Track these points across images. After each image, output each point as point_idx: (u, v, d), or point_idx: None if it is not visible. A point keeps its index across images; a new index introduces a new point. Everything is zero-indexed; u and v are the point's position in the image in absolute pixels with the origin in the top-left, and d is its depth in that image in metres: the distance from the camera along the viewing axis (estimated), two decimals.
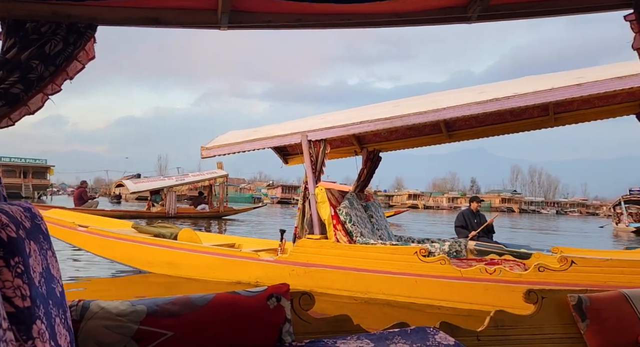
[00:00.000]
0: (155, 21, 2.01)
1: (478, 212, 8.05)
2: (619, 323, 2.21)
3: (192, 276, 5.38)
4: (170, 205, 18.31)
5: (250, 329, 1.72)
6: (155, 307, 1.60)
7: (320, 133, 4.72)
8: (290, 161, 6.67)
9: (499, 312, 2.19)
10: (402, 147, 6.38)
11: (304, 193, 4.90)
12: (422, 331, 1.93)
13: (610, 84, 3.66)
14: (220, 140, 5.40)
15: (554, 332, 2.21)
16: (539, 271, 3.83)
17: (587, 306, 2.23)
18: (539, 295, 2.26)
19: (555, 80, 3.99)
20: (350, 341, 1.83)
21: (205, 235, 6.77)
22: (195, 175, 20.48)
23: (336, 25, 2.33)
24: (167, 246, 5.68)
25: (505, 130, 5.76)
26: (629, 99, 4.76)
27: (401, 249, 4.32)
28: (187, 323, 1.61)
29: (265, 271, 4.93)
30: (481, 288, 4.03)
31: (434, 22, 2.47)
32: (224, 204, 20.19)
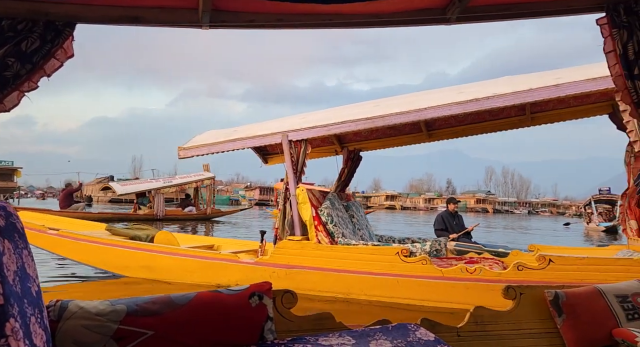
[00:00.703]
0: (135, 20, 2.00)
1: (456, 213, 8.12)
2: (593, 317, 2.28)
3: (169, 279, 5.24)
4: (159, 207, 18.27)
5: (231, 328, 1.72)
6: (135, 307, 1.59)
7: (301, 133, 4.68)
8: (270, 161, 6.60)
9: (479, 309, 2.23)
10: (382, 146, 6.40)
11: (284, 194, 4.84)
12: (403, 328, 1.94)
13: (586, 85, 3.75)
14: (199, 140, 5.29)
15: (532, 327, 2.26)
16: (518, 269, 3.88)
17: (563, 301, 2.28)
18: (518, 291, 2.31)
19: (533, 81, 4.06)
20: (332, 338, 1.84)
21: (183, 237, 6.62)
22: (183, 177, 20.59)
23: (318, 26, 2.34)
24: (143, 249, 5.53)
25: (483, 130, 5.84)
26: (602, 99, 4.89)
27: (383, 250, 4.31)
28: (168, 322, 1.61)
29: (245, 273, 4.85)
30: (462, 287, 4.06)
31: (413, 23, 2.50)
32: (212, 206, 20.32)
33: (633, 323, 2.35)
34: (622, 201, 4.92)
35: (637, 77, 2.66)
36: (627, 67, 2.65)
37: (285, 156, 4.74)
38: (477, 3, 2.42)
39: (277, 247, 4.68)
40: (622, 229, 5.00)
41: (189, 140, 5.41)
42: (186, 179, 20.21)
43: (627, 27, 2.63)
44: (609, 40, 2.73)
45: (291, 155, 4.72)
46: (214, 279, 5.01)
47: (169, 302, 1.65)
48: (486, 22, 2.77)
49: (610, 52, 2.72)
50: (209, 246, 6.37)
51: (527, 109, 5.24)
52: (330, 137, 6.17)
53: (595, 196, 26.80)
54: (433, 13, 2.44)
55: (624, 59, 2.64)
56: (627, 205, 4.83)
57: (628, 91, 2.76)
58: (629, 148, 4.90)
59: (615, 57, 2.70)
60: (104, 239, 5.77)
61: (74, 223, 7.05)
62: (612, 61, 2.75)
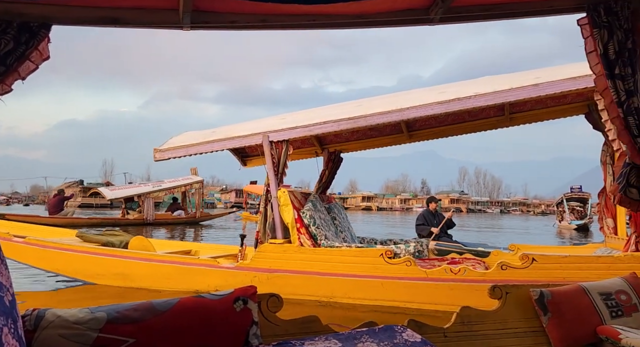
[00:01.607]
0: (114, 21, 1.96)
1: (437, 212, 8.17)
2: (578, 315, 2.29)
3: (145, 286, 5.05)
4: (148, 212, 18.31)
5: (215, 333, 1.70)
6: (115, 314, 1.56)
7: (282, 133, 4.58)
8: (249, 163, 6.48)
9: (465, 309, 2.24)
10: (363, 147, 6.36)
11: (265, 196, 4.72)
12: (390, 329, 1.94)
13: (564, 85, 3.80)
14: (175, 142, 5.12)
15: (517, 326, 2.27)
16: (501, 269, 3.89)
17: (548, 299, 2.30)
18: (503, 290, 2.33)
19: (512, 81, 4.08)
20: (318, 341, 1.83)
21: (159, 242, 6.42)
22: (171, 181, 20.51)
23: (301, 26, 2.33)
24: (117, 256, 5.32)
25: (463, 131, 5.87)
26: (578, 99, 4.98)
27: (366, 252, 4.25)
28: (150, 329, 1.58)
29: (226, 278, 4.72)
30: (446, 288, 4.04)
31: (397, 23, 2.51)
32: (201, 210, 20.45)
33: (617, 320, 2.39)
34: (599, 199, 5.03)
35: (618, 77, 2.70)
36: (607, 66, 2.68)
37: (266, 157, 4.63)
38: (460, 3, 2.44)
39: (259, 250, 4.57)
40: (600, 228, 5.11)
41: (165, 142, 5.24)
42: (175, 183, 20.21)
43: (607, 27, 2.66)
44: (590, 41, 2.77)
45: (272, 157, 4.62)
46: (193, 286, 4.85)
47: (150, 309, 1.62)
48: (469, 22, 2.82)
49: (592, 52, 2.76)
50: (186, 251, 6.20)
51: (506, 109, 5.29)
52: (310, 139, 6.09)
53: (567, 194, 27.00)
54: (416, 13, 2.45)
55: (604, 59, 2.68)
56: (604, 203, 4.94)
57: (608, 90, 2.79)
58: (604, 147, 5.01)
59: (596, 57, 2.74)
60: (75, 246, 5.53)
61: (41, 230, 6.74)
62: (594, 61, 2.78)
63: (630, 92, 2.67)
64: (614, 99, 2.74)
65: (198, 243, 6.96)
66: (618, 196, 2.84)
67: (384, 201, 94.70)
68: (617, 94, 2.70)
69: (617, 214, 4.82)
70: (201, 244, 6.71)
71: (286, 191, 4.61)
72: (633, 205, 2.83)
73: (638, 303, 2.53)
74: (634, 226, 3.65)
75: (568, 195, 26.92)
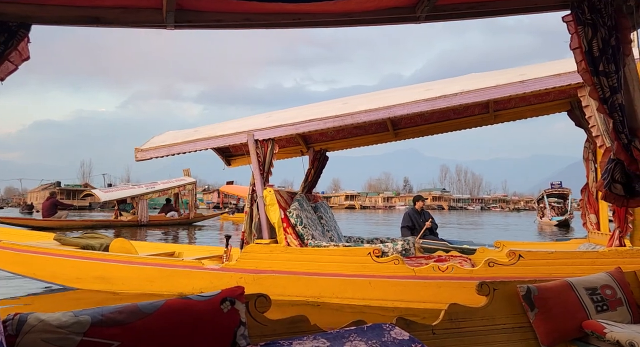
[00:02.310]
0: (95, 20, 1.93)
1: (423, 211, 8.10)
2: (564, 310, 2.33)
3: (127, 289, 4.93)
4: (142, 213, 18.50)
5: (202, 335, 1.69)
6: (100, 317, 1.55)
7: (268, 132, 4.52)
8: (234, 163, 6.39)
9: (453, 306, 2.26)
10: (349, 146, 6.34)
11: (251, 195, 4.65)
12: (378, 328, 1.94)
13: (550, 81, 3.83)
14: (157, 141, 5.01)
15: (505, 322, 2.30)
16: (489, 266, 3.91)
17: (535, 295, 2.33)
18: (491, 287, 2.36)
19: (498, 78, 4.09)
20: (306, 341, 1.84)
21: (141, 244, 6.28)
22: (164, 182, 20.73)
23: (285, 25, 2.31)
24: (97, 259, 5.18)
25: (448, 128, 5.90)
26: (561, 96, 5.04)
27: (354, 251, 4.22)
28: (135, 332, 1.57)
29: (211, 280, 4.63)
30: (434, 286, 4.04)
31: (383, 22, 2.50)
32: (194, 211, 20.78)
33: (602, 315, 2.44)
34: (582, 195, 5.11)
35: (602, 73, 2.73)
36: (592, 63, 2.71)
37: (251, 156, 4.56)
38: (446, 2, 2.45)
39: (244, 251, 4.50)
40: (583, 223, 5.19)
41: (146, 142, 5.11)
42: (168, 184, 20.35)
43: (591, 24, 2.70)
44: (574, 37, 2.80)
45: (257, 156, 4.55)
46: (177, 288, 4.75)
47: (135, 311, 1.61)
48: (455, 21, 2.76)
49: (577, 49, 2.79)
50: (169, 253, 6.09)
51: (490, 106, 5.33)
52: (295, 138, 6.04)
53: (548, 190, 27.08)
54: (402, 12, 2.44)
55: (589, 56, 2.71)
56: (587, 199, 5.02)
57: (594, 87, 2.81)
58: (586, 144, 5.09)
59: (581, 53, 2.77)
60: (52, 250, 5.36)
61: (17, 234, 6.53)
62: (579, 57, 2.81)
63: (614, 89, 2.70)
64: (599, 95, 2.77)
65: (181, 245, 6.83)
66: (603, 192, 2.87)
67: (367, 199, 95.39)
68: (601, 91, 2.73)
69: (600, 209, 4.91)
70: (185, 246, 6.59)
71: (272, 190, 4.56)
72: (618, 200, 2.86)
73: (623, 297, 2.57)
74: (617, 222, 3.71)
75: (549, 191, 27.03)
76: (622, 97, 2.70)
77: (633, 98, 2.78)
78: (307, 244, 4.48)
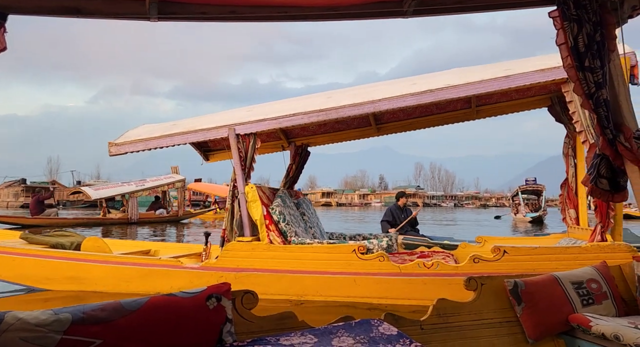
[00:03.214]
0: (76, 11, 1.89)
1: (405, 208, 8.14)
2: (551, 304, 2.37)
3: (101, 289, 4.76)
4: (133, 211, 18.83)
5: (187, 332, 1.68)
6: (81, 315, 1.52)
7: (250, 126, 4.41)
8: (212, 158, 6.24)
9: (441, 301, 2.28)
10: (331, 141, 6.29)
11: (232, 192, 4.53)
12: (366, 323, 1.95)
13: (534, 76, 3.86)
14: (133, 135, 4.83)
15: (492, 317, 2.33)
16: (474, 262, 3.93)
17: (522, 289, 2.36)
18: (479, 282, 2.38)
19: (482, 73, 4.10)
20: (293, 337, 1.83)
21: (115, 242, 6.08)
22: (154, 180, 21.05)
23: (272, 18, 2.27)
24: (68, 258, 4.98)
25: (430, 123, 5.90)
26: (542, 92, 5.10)
27: (339, 248, 4.17)
28: (118, 329, 1.55)
29: (190, 279, 4.51)
30: (420, 283, 4.03)
31: (370, 16, 2.48)
32: (183, 208, 21.14)
33: (588, 308, 2.49)
34: (562, 190, 5.20)
35: (588, 69, 2.76)
36: (578, 58, 2.73)
37: (232, 151, 4.44)
38: None
39: (225, 249, 4.38)
40: (562, 218, 5.29)
41: (120, 136, 4.90)
42: (158, 182, 20.73)
43: (576, 20, 2.72)
44: (560, 33, 2.82)
45: (239, 151, 4.43)
46: (154, 288, 4.60)
47: (118, 309, 1.58)
48: (442, 15, 2.72)
49: (562, 45, 2.82)
50: (145, 251, 5.91)
51: (472, 102, 5.35)
52: (276, 132, 5.94)
53: (522, 187, 27.12)
54: (390, 6, 2.43)
55: (575, 51, 2.73)
56: (566, 194, 5.12)
57: (579, 82, 2.83)
58: (566, 139, 5.17)
59: (567, 49, 2.79)
60: (19, 249, 5.11)
61: None
62: (564, 53, 2.84)
63: (599, 84, 2.74)
64: (584, 91, 2.79)
65: (157, 242, 6.64)
66: (589, 187, 2.90)
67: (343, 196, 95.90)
68: (587, 86, 2.76)
69: (579, 204, 5.00)
70: (161, 243, 6.41)
71: (254, 186, 4.45)
72: (603, 195, 2.90)
73: (608, 291, 2.62)
74: (599, 217, 3.77)
75: (523, 187, 27.08)
76: (607, 92, 2.73)
77: (618, 93, 2.82)
78: (291, 242, 4.40)
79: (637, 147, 2.73)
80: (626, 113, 2.77)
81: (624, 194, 2.86)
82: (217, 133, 4.54)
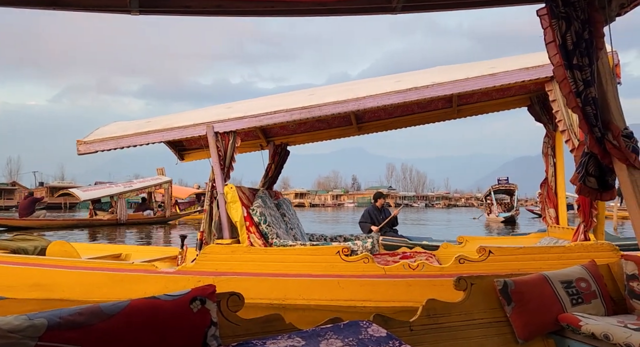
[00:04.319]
0: (53, 3, 1.82)
1: (383, 209, 8.10)
2: (540, 304, 2.37)
3: (70, 297, 4.51)
4: (122, 212, 19.26)
5: (170, 336, 1.64)
6: (57, 320, 1.47)
7: (229, 124, 4.25)
8: (187, 157, 6.02)
9: (431, 301, 2.26)
10: (310, 140, 6.18)
11: (210, 192, 4.34)
12: (355, 325, 1.94)
13: (520, 74, 3.86)
14: (104, 133, 4.58)
15: (482, 317, 2.32)
16: (459, 262, 3.90)
17: (512, 289, 2.36)
18: (468, 282, 2.37)
19: (467, 71, 4.07)
20: (280, 340, 1.81)
21: (83, 246, 5.80)
22: (141, 181, 21.93)
23: (258, 13, 2.23)
24: (32, 264, 4.70)
25: (411, 122, 5.87)
26: (521, 92, 5.14)
27: (322, 250, 4.07)
28: (97, 334, 1.50)
29: (165, 284, 4.31)
30: (404, 285, 3.98)
31: (359, 12, 2.46)
32: (170, 209, 21.74)
33: (577, 308, 2.52)
34: (541, 190, 5.25)
35: (576, 67, 2.76)
36: (566, 57, 2.73)
37: (210, 150, 4.26)
38: None
39: (203, 252, 4.21)
40: (542, 217, 5.34)
41: (90, 133, 4.63)
42: (145, 183, 21.44)
43: (565, 17, 2.72)
44: (549, 31, 2.82)
45: (218, 149, 4.26)
46: (127, 294, 4.34)
47: (97, 313, 1.53)
48: (430, 12, 2.71)
49: (551, 43, 2.82)
50: (115, 255, 5.63)
51: (454, 101, 5.34)
52: (255, 131, 5.79)
53: (495, 186, 27.16)
54: (378, 2, 2.42)
55: (563, 49, 2.73)
56: (546, 194, 5.16)
57: (568, 80, 2.83)
58: (545, 139, 5.23)
59: (555, 47, 2.79)
60: None
61: None
62: (552, 51, 2.83)
63: (588, 82, 2.74)
64: (572, 89, 2.78)
65: (129, 246, 6.35)
66: (578, 185, 2.89)
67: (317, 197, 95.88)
68: (575, 84, 2.75)
69: (559, 204, 5.06)
70: (132, 247, 6.14)
71: (234, 186, 4.28)
72: (592, 194, 2.90)
73: (597, 290, 2.63)
74: (582, 216, 3.79)
75: (496, 187, 27.08)
76: (595, 90, 2.73)
77: (606, 91, 2.83)
78: (272, 244, 4.27)
79: (625, 146, 2.74)
80: (614, 111, 2.78)
81: (612, 193, 2.87)
82: (194, 131, 4.36)
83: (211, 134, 4.26)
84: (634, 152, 2.67)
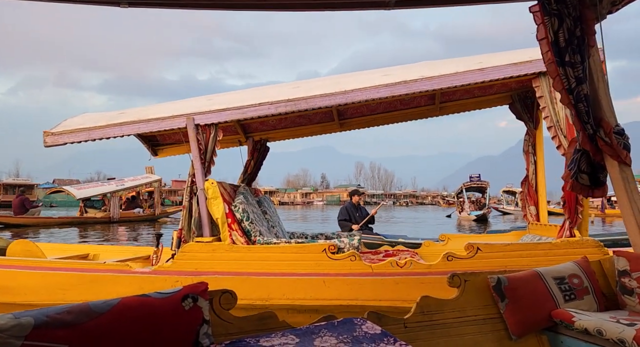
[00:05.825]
0: None
1: (359, 206, 8.10)
2: (534, 300, 2.40)
3: (34, 301, 4.24)
4: (114, 210, 20.06)
5: (161, 335, 1.63)
6: (45, 318, 1.46)
7: (211, 116, 4.08)
8: (161, 153, 5.78)
9: (425, 298, 2.27)
10: (291, 136, 6.07)
11: (190, 188, 4.15)
12: (349, 322, 1.95)
13: (508, 70, 3.88)
14: (73, 124, 4.31)
15: (476, 314, 2.35)
16: (447, 260, 3.90)
17: (505, 286, 2.39)
18: (462, 278, 2.39)
19: (455, 66, 4.04)
20: (274, 338, 1.81)
21: (48, 246, 5.47)
22: (131, 180, 22.46)
23: (250, 7, 2.20)
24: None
25: (393, 119, 5.85)
26: (503, 89, 5.20)
27: (308, 247, 3.98)
28: (86, 333, 1.49)
29: (140, 285, 4.11)
30: (392, 283, 3.95)
31: (352, 7, 2.46)
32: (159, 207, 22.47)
33: (570, 303, 2.59)
34: (522, 187, 5.32)
35: (568, 64, 2.78)
36: (558, 54, 2.75)
37: (191, 143, 4.10)
38: None
39: (182, 251, 4.04)
40: (523, 215, 5.41)
41: (58, 124, 4.35)
42: (136, 181, 22.13)
43: (557, 15, 2.74)
44: (541, 28, 2.84)
45: (198, 142, 4.07)
46: (98, 296, 4.07)
47: (86, 311, 1.52)
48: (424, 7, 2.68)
49: (543, 40, 2.84)
50: (83, 255, 5.36)
51: (437, 98, 5.34)
52: (234, 126, 5.63)
53: (467, 184, 27.45)
54: None
55: (555, 46, 2.75)
56: (527, 191, 5.24)
57: (559, 77, 2.84)
58: (526, 137, 5.30)
59: (547, 44, 2.81)
60: None
61: None
62: (545, 48, 2.85)
63: (580, 79, 2.77)
64: (564, 86, 2.79)
65: (96, 245, 6.04)
66: (570, 182, 2.90)
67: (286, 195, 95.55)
68: (567, 81, 2.76)
69: (539, 201, 5.13)
70: (101, 247, 5.86)
71: (215, 182, 4.11)
72: (584, 190, 2.93)
73: (589, 286, 2.67)
74: (567, 213, 3.84)
75: (467, 184, 27.33)
76: (587, 87, 2.74)
77: (597, 88, 2.87)
78: (255, 242, 4.13)
79: (616, 142, 2.77)
80: (606, 108, 2.82)
81: (604, 189, 2.90)
82: (173, 123, 4.17)
83: (191, 127, 4.09)
84: (625, 149, 2.71)
